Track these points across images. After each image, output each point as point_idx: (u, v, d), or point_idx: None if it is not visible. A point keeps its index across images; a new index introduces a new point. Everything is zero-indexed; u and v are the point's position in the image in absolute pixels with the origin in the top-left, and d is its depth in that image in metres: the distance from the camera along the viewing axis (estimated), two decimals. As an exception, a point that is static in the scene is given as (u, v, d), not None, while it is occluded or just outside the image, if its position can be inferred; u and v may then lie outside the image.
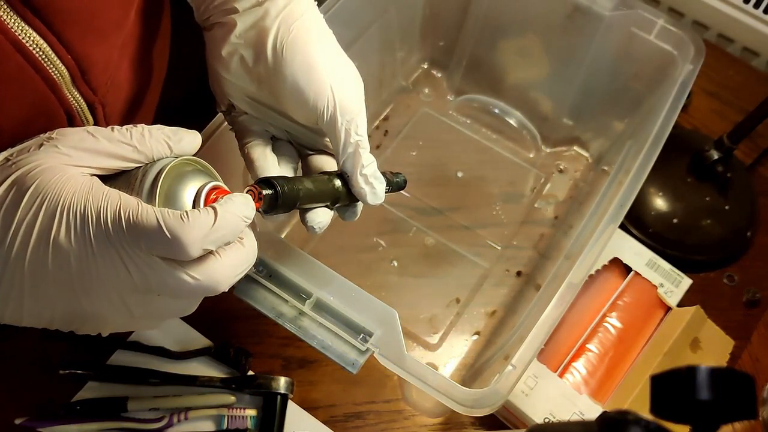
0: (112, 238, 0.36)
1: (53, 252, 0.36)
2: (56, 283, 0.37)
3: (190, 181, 0.40)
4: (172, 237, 0.35)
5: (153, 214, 0.36)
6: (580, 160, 0.80)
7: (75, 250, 0.36)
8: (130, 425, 0.59)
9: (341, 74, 0.46)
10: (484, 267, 0.72)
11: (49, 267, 0.36)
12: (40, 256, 0.36)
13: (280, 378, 0.61)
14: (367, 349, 0.48)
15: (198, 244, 0.36)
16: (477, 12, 0.75)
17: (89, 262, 0.36)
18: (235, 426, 0.60)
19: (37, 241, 0.36)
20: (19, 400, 0.60)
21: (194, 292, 0.38)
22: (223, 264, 0.38)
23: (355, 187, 0.47)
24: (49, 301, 0.38)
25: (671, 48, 0.66)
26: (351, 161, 0.47)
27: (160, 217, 0.36)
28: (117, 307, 0.38)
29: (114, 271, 0.37)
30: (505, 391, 0.48)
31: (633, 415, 0.32)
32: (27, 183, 0.36)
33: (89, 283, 0.37)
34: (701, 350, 0.67)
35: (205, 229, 0.36)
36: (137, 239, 0.36)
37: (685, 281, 0.69)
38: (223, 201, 0.38)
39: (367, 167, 0.47)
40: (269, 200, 0.42)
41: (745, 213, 0.77)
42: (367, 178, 0.47)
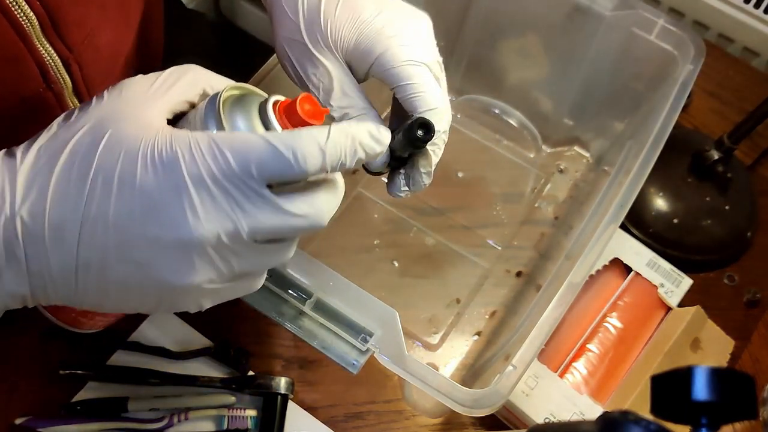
0: (213, 172, 0.32)
1: (140, 200, 0.32)
2: (146, 240, 0.33)
3: (251, 103, 0.39)
4: (291, 156, 0.33)
5: (259, 137, 0.33)
6: (581, 160, 0.80)
7: (166, 195, 0.32)
8: (130, 425, 0.59)
9: (397, 15, 0.45)
10: (485, 267, 0.72)
11: (136, 218, 0.32)
12: (124, 207, 0.32)
13: (280, 378, 0.61)
14: (367, 349, 0.48)
15: (316, 157, 0.34)
16: (477, 12, 0.75)
17: (185, 207, 0.32)
18: (235, 426, 0.60)
19: (119, 190, 0.32)
20: (19, 400, 0.60)
21: (301, 228, 0.36)
22: (324, 196, 0.37)
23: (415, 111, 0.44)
24: (140, 267, 0.34)
25: (671, 48, 0.66)
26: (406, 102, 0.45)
27: (269, 137, 0.33)
28: (219, 266, 0.35)
29: (216, 215, 0.33)
30: (506, 392, 0.48)
31: (633, 416, 0.31)
32: (100, 131, 0.34)
33: (187, 235, 0.33)
34: (701, 350, 0.67)
35: (320, 140, 0.34)
36: (246, 166, 0.32)
37: (686, 281, 0.69)
38: (346, 122, 0.38)
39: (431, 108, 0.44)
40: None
41: (746, 213, 0.77)
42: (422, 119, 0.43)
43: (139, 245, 0.33)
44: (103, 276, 0.34)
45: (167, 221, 0.32)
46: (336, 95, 0.45)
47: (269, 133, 0.35)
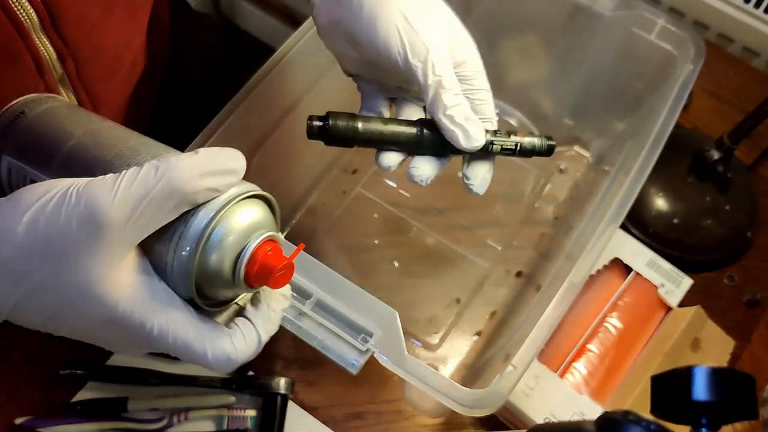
0: (153, 347, 0.37)
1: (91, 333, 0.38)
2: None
3: (237, 236, 0.37)
4: (216, 369, 0.38)
5: (202, 348, 0.37)
6: (581, 160, 0.80)
7: (115, 339, 0.38)
8: (130, 425, 0.59)
9: (407, 14, 0.45)
10: (485, 267, 0.72)
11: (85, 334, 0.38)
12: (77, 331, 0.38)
13: (280, 378, 0.61)
14: (367, 349, 0.48)
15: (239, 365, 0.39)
16: (477, 12, 0.75)
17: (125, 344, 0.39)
18: (235, 426, 0.60)
19: (72, 328, 0.37)
20: (19, 400, 0.60)
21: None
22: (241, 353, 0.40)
23: (444, 131, 0.46)
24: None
25: (672, 48, 0.66)
26: (434, 104, 0.45)
27: (209, 353, 0.37)
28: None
29: (143, 348, 0.38)
30: (506, 392, 0.48)
31: (633, 416, 0.31)
32: (66, 285, 0.34)
33: (114, 347, 0.40)
34: (702, 350, 0.67)
35: (250, 356, 0.39)
36: (180, 355, 0.37)
37: (686, 281, 0.69)
38: (266, 320, 0.40)
39: (451, 108, 0.45)
40: (317, 130, 0.45)
41: (746, 213, 0.77)
42: (454, 119, 0.46)
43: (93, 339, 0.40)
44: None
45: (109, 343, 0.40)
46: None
47: (218, 341, 0.37)
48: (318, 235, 0.72)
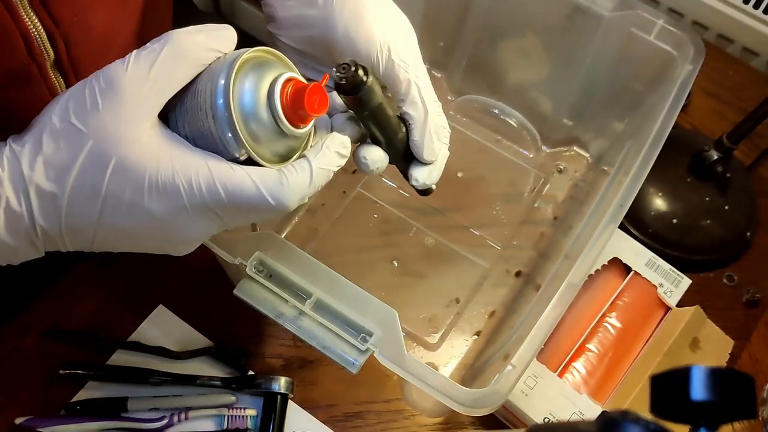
0: (209, 204, 0.38)
1: (148, 218, 0.38)
2: (149, 239, 0.40)
3: (267, 73, 0.40)
4: (275, 203, 0.39)
5: (250, 182, 0.38)
6: (580, 160, 0.80)
7: (170, 216, 0.38)
8: (130, 425, 0.59)
9: (392, 20, 0.46)
10: (484, 267, 0.72)
11: (146, 229, 0.39)
12: (135, 222, 0.38)
13: (280, 378, 0.61)
14: (367, 349, 0.48)
15: (297, 202, 0.39)
16: (477, 12, 0.75)
17: (187, 224, 0.39)
18: (235, 426, 0.60)
19: (128, 210, 0.38)
20: (19, 400, 0.60)
21: (268, 211, 0.40)
22: (292, 184, 0.40)
23: (414, 138, 0.47)
24: (144, 246, 0.41)
25: (671, 48, 0.66)
26: (412, 109, 0.46)
27: (259, 183, 0.38)
28: (204, 237, 0.42)
29: (207, 223, 0.40)
30: (505, 391, 0.48)
31: (633, 415, 0.32)
32: (106, 157, 0.37)
33: (187, 237, 0.40)
34: (701, 350, 0.67)
35: (304, 189, 0.39)
36: (237, 205, 0.38)
37: (685, 281, 0.70)
38: (319, 153, 0.40)
39: (427, 119, 0.46)
40: (354, 79, 0.41)
41: (745, 213, 0.78)
42: (426, 130, 0.47)
43: (144, 240, 0.41)
44: (115, 246, 0.41)
45: (171, 233, 0.40)
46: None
47: (268, 180, 0.38)
48: (318, 235, 0.72)
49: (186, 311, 0.66)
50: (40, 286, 0.66)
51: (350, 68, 0.41)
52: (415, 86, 0.46)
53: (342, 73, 0.41)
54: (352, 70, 0.41)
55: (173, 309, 0.66)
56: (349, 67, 0.41)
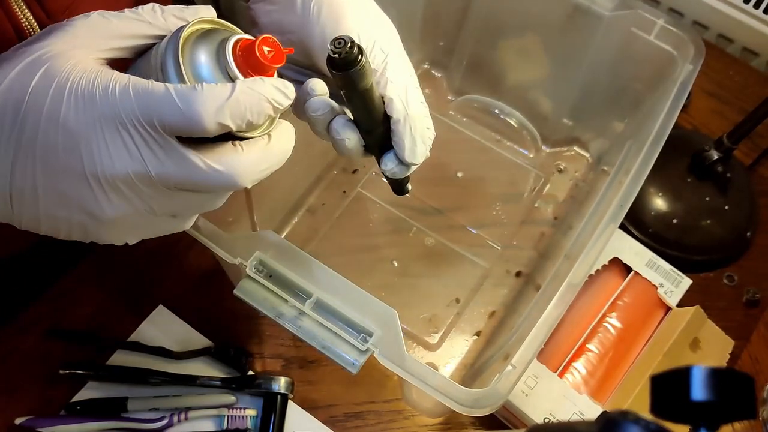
0: (120, 112, 0.35)
1: (62, 134, 0.35)
2: (68, 173, 0.36)
3: (214, 39, 0.39)
4: (183, 106, 0.34)
5: (162, 86, 0.35)
6: (580, 160, 0.80)
7: (83, 130, 0.35)
8: (130, 425, 0.59)
9: (371, 23, 0.45)
10: (484, 267, 0.72)
11: (59, 152, 0.35)
12: (50, 140, 0.35)
13: (280, 378, 0.61)
14: (367, 349, 0.48)
15: (212, 115, 0.35)
16: (477, 12, 0.75)
17: (99, 144, 0.35)
18: (235, 426, 0.60)
19: (45, 123, 0.35)
20: (19, 400, 0.60)
21: (211, 183, 0.37)
22: (245, 156, 0.37)
23: (395, 139, 0.45)
24: (64, 197, 0.37)
25: (671, 48, 0.66)
26: (393, 108, 0.44)
27: (171, 87, 0.35)
28: (135, 203, 0.37)
29: (126, 155, 0.35)
30: (505, 391, 0.48)
31: (633, 415, 0.32)
32: (37, 67, 0.36)
33: (101, 171, 0.36)
34: (701, 350, 0.67)
35: (221, 100, 0.35)
36: (147, 112, 0.35)
37: (685, 281, 0.70)
38: (252, 79, 0.37)
39: (410, 118, 0.44)
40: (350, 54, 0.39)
41: (745, 213, 0.77)
42: (404, 130, 0.44)
43: (61, 177, 0.36)
44: (35, 204, 0.37)
45: (83, 156, 0.35)
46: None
47: (182, 87, 0.35)
48: (318, 235, 0.72)
49: (186, 311, 0.66)
50: (40, 286, 0.66)
51: (346, 44, 0.39)
52: (395, 84, 0.44)
53: (337, 48, 0.39)
54: (347, 46, 0.39)
55: (173, 309, 0.66)
56: (345, 42, 0.39)
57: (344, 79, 0.41)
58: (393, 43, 0.46)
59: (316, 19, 0.45)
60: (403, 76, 0.45)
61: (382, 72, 0.44)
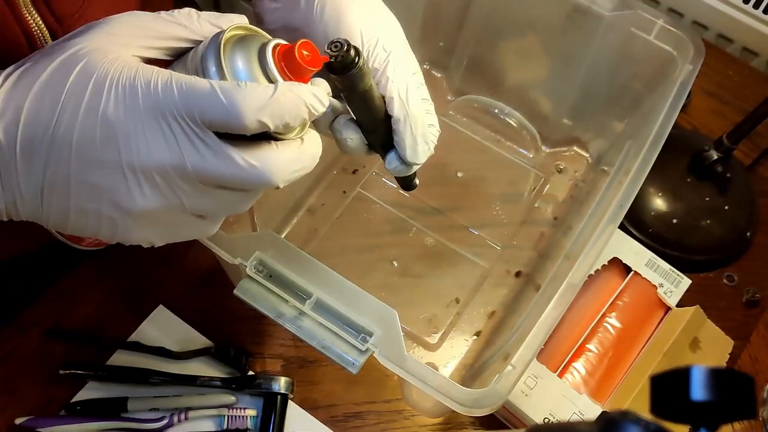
0: (162, 106, 0.35)
1: (101, 126, 0.35)
2: (103, 165, 0.36)
3: (252, 44, 0.39)
4: (227, 101, 0.35)
5: (206, 82, 0.35)
6: (580, 160, 0.80)
7: (123, 122, 0.35)
8: (130, 425, 0.59)
9: (374, 19, 0.45)
10: (484, 267, 0.72)
11: (96, 143, 0.35)
12: (88, 132, 0.35)
13: (280, 378, 0.61)
14: (366, 349, 0.48)
15: (254, 113, 0.35)
16: (477, 12, 0.75)
17: (138, 135, 0.35)
18: (235, 426, 0.60)
19: (84, 115, 0.35)
20: (19, 400, 0.60)
21: (247, 179, 0.37)
22: (280, 154, 0.38)
23: (396, 138, 0.45)
24: (97, 190, 0.36)
25: (671, 48, 0.66)
26: (394, 105, 0.44)
27: (215, 83, 0.35)
28: (168, 196, 0.37)
29: (165, 147, 0.35)
30: (505, 391, 0.48)
31: (633, 416, 0.32)
32: (76, 61, 0.36)
33: (138, 161, 0.36)
34: (701, 350, 0.67)
35: (263, 99, 0.35)
36: (190, 106, 0.35)
37: (685, 281, 0.70)
38: (291, 83, 0.38)
39: (411, 117, 0.45)
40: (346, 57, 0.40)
41: (745, 213, 0.77)
42: (405, 129, 0.45)
43: (95, 169, 0.36)
44: (66, 197, 0.37)
45: (121, 148, 0.35)
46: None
47: (226, 83, 0.36)
48: (318, 235, 0.72)
49: (186, 311, 0.66)
50: (40, 286, 0.66)
51: (342, 47, 0.39)
52: (395, 83, 0.44)
53: (334, 51, 0.40)
54: (344, 49, 0.39)
55: (173, 309, 0.66)
56: (341, 45, 0.39)
57: (342, 82, 0.41)
58: (397, 41, 0.46)
59: (319, 17, 0.45)
60: (405, 75, 0.45)
61: (383, 71, 0.45)
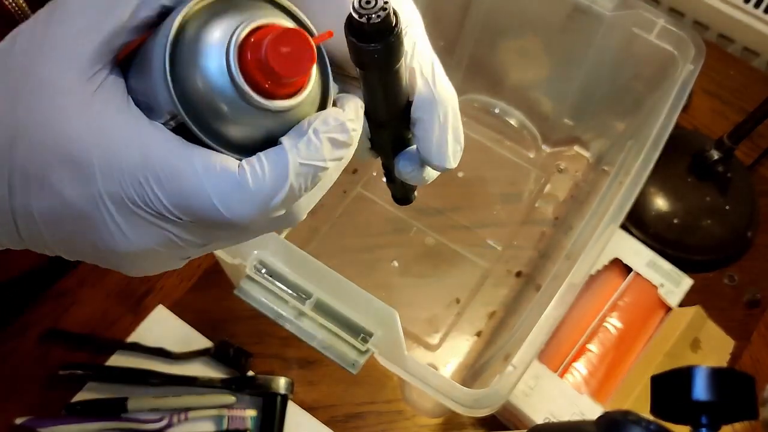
0: (135, 201, 0.27)
1: (61, 204, 0.27)
2: (78, 237, 0.29)
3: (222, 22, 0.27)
4: (226, 212, 0.27)
5: (193, 173, 0.26)
6: (581, 160, 0.80)
7: (86, 208, 0.27)
8: (130, 425, 0.59)
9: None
10: (485, 267, 0.72)
11: (63, 220, 0.28)
12: (47, 203, 0.28)
13: (280, 378, 0.61)
14: (367, 349, 0.48)
15: (264, 214, 0.27)
16: (477, 12, 0.75)
17: (106, 222, 0.28)
18: (235, 426, 0.60)
19: (38, 185, 0.27)
20: (19, 400, 0.60)
21: (269, 229, 0.31)
22: (303, 198, 0.29)
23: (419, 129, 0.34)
24: (74, 246, 0.30)
25: (672, 48, 0.66)
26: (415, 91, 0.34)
27: (206, 181, 0.26)
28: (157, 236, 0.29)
29: (145, 231, 0.28)
30: (506, 392, 0.48)
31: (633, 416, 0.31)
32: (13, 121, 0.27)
33: (117, 247, 0.29)
34: (702, 350, 0.67)
35: (273, 197, 0.27)
36: (177, 205, 0.27)
37: (686, 281, 0.69)
38: (302, 139, 0.27)
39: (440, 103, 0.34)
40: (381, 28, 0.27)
41: (746, 213, 0.77)
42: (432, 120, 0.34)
43: (75, 246, 0.30)
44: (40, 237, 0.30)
45: (94, 233, 0.28)
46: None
47: (219, 176, 0.27)
48: (318, 235, 0.72)
49: (186, 311, 0.66)
50: (40, 286, 0.66)
51: (377, 3, 0.27)
52: (420, 57, 0.35)
53: (366, 8, 0.27)
54: (380, 6, 0.27)
55: (173, 309, 0.66)
56: (377, 1, 0.27)
57: (369, 55, 0.28)
58: (412, 12, 0.36)
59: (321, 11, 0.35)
60: (429, 50, 0.36)
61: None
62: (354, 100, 0.31)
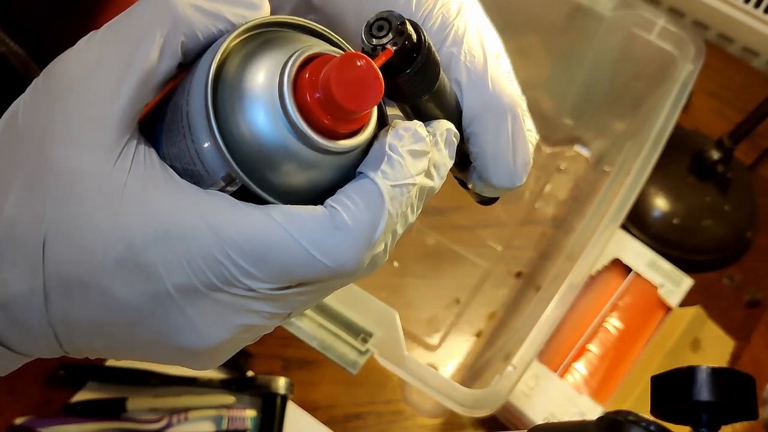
0: (211, 281, 0.23)
1: (118, 309, 0.24)
2: (143, 345, 0.25)
3: (270, 57, 0.23)
4: (327, 260, 0.23)
5: (288, 237, 0.23)
6: (581, 160, 0.80)
7: (152, 310, 0.24)
8: (130, 425, 0.59)
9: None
10: (485, 267, 0.72)
11: (122, 326, 0.24)
12: (100, 313, 0.24)
13: (280, 378, 0.61)
14: (367, 349, 0.48)
15: (367, 254, 0.24)
16: (477, 12, 0.75)
17: (177, 316, 0.24)
18: (235, 427, 0.60)
19: (82, 295, 0.24)
20: (19, 400, 0.60)
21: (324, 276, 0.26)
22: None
23: (473, 145, 0.30)
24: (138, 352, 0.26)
25: (672, 48, 0.66)
26: (461, 97, 0.29)
27: (300, 237, 0.23)
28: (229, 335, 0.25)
29: (223, 318, 0.24)
30: (506, 392, 0.48)
31: (633, 416, 0.31)
32: (38, 203, 0.23)
33: (190, 344, 0.25)
34: (702, 350, 0.67)
35: (375, 228, 0.24)
36: (263, 269, 0.23)
37: (686, 281, 0.69)
38: (386, 160, 0.24)
39: (494, 110, 0.30)
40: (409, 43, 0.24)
41: (746, 213, 0.77)
42: (486, 133, 0.29)
43: (133, 351, 0.26)
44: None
45: (159, 334, 0.25)
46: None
47: (301, 215, 0.23)
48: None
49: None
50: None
51: (390, 23, 0.23)
52: (479, 64, 0.30)
53: (378, 37, 0.23)
54: (396, 24, 0.23)
55: (173, 309, 0.66)
56: (388, 22, 0.23)
57: (408, 82, 0.25)
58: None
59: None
60: (480, 46, 0.31)
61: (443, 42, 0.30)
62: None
